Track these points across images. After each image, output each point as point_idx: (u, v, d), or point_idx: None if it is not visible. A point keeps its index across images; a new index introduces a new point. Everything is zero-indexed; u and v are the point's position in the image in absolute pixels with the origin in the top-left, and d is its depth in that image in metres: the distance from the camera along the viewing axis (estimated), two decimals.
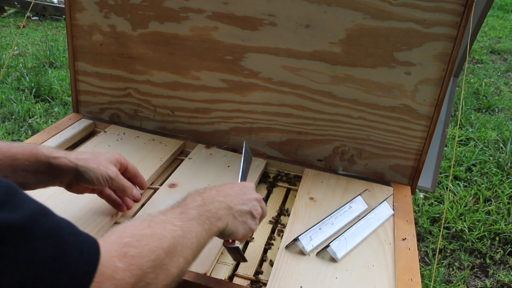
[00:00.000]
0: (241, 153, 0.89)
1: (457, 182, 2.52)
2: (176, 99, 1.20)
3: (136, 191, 0.86)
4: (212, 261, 0.81)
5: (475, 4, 0.93)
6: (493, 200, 2.38)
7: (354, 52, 1.03)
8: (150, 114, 1.24)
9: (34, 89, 2.97)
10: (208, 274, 0.78)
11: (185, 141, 1.20)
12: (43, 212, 0.46)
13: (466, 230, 2.14)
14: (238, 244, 0.82)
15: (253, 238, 0.90)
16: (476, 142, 2.91)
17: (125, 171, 0.86)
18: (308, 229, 0.87)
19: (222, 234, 0.70)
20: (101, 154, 0.82)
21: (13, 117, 2.65)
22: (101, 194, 0.86)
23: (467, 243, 2.09)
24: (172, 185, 1.02)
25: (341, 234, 0.87)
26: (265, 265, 0.84)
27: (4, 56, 3.47)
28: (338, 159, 1.14)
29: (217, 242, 0.85)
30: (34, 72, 3.21)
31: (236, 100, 1.16)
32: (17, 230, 0.42)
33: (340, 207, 0.96)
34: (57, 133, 1.16)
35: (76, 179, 0.78)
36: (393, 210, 0.99)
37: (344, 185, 1.07)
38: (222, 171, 1.08)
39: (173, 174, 1.06)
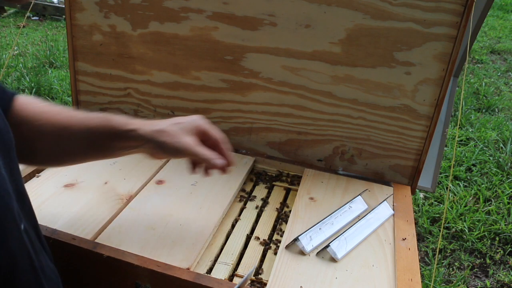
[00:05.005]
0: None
1: (457, 182, 2.53)
2: (176, 99, 1.20)
3: (218, 160, 0.75)
4: (196, 256, 0.81)
5: (475, 4, 0.93)
6: (493, 200, 2.38)
7: (354, 52, 1.03)
8: (150, 114, 1.24)
9: (34, 89, 2.97)
10: (192, 269, 0.78)
11: None
12: None
13: (466, 230, 2.14)
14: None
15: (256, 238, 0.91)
16: (476, 142, 2.91)
17: (208, 138, 0.78)
18: (308, 229, 0.87)
19: None
20: (179, 122, 0.76)
21: None
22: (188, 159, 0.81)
23: (467, 243, 2.09)
24: (160, 182, 1.02)
25: (341, 234, 0.87)
26: (265, 265, 0.84)
27: (4, 56, 3.47)
28: (338, 159, 1.14)
29: (201, 236, 0.86)
30: (34, 72, 3.21)
31: (236, 100, 1.16)
32: None
33: (340, 207, 0.96)
34: None
35: (153, 150, 0.76)
36: (393, 210, 0.99)
37: (344, 185, 1.07)
38: None
39: (161, 171, 1.06)
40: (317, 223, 0.90)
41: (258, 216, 0.98)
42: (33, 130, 0.74)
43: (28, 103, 0.76)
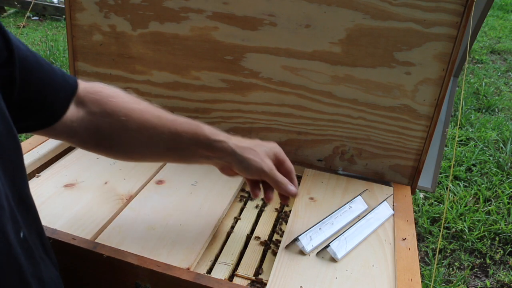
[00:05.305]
0: None
1: (457, 182, 2.53)
2: (176, 99, 1.20)
3: (292, 186, 0.81)
4: (196, 256, 0.81)
5: (475, 4, 0.93)
6: (493, 200, 2.39)
7: (354, 52, 1.03)
8: None
9: None
10: (192, 269, 0.78)
11: None
12: None
13: (466, 230, 2.14)
14: None
15: (258, 237, 0.91)
16: (476, 142, 2.92)
17: (281, 166, 0.82)
18: (308, 229, 0.87)
19: None
20: (261, 144, 0.81)
21: None
22: (248, 181, 0.84)
23: (467, 243, 2.09)
24: (160, 182, 1.02)
25: (341, 234, 0.87)
26: (265, 265, 0.84)
27: None
28: (338, 159, 1.14)
29: (201, 236, 0.86)
30: None
31: (236, 100, 1.16)
32: None
33: (340, 207, 0.96)
34: None
35: (230, 164, 0.79)
36: (393, 210, 0.99)
37: (344, 185, 1.07)
38: (210, 168, 1.08)
39: (161, 171, 1.07)
40: (317, 223, 0.90)
41: (258, 216, 0.98)
42: (117, 124, 0.75)
43: (112, 96, 0.76)
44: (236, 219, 0.96)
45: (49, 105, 0.68)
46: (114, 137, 0.76)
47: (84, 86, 0.76)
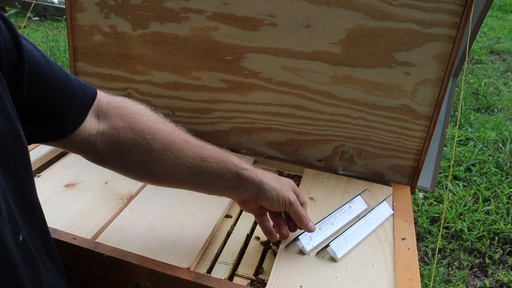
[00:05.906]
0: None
1: (456, 182, 2.53)
2: (176, 99, 1.21)
3: (312, 223, 0.82)
4: (196, 256, 0.81)
5: (474, 5, 0.93)
6: (492, 200, 2.39)
7: (354, 52, 1.03)
8: None
9: None
10: (192, 269, 0.78)
11: None
12: None
13: (466, 230, 2.15)
14: None
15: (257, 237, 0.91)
16: (476, 142, 2.92)
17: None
18: None
19: None
20: (281, 178, 0.82)
21: None
22: (260, 218, 0.84)
23: (467, 243, 2.09)
24: None
25: (341, 234, 0.87)
26: (265, 264, 0.84)
27: None
28: (338, 159, 1.15)
29: (201, 236, 0.86)
30: None
31: (236, 100, 1.16)
32: None
33: (340, 207, 0.96)
34: None
35: (255, 196, 0.78)
36: (393, 210, 0.99)
37: (344, 185, 1.08)
38: None
39: None
40: (317, 223, 0.90)
41: None
42: (141, 142, 0.72)
43: (138, 112, 0.74)
44: (236, 219, 0.96)
45: (60, 113, 0.66)
46: (135, 155, 0.72)
47: (108, 99, 0.73)
